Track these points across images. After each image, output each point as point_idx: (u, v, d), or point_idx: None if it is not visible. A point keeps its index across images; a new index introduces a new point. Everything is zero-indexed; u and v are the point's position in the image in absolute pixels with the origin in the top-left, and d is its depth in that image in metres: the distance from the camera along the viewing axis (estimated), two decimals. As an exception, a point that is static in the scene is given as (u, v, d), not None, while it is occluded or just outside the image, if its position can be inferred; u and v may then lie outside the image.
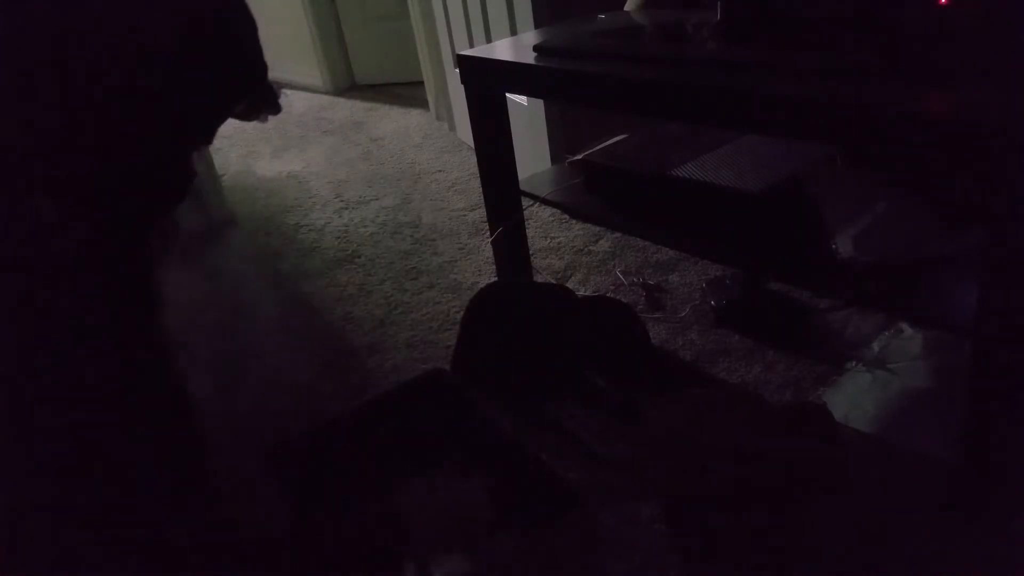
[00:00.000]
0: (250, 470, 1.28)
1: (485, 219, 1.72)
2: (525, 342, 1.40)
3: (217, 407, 1.46)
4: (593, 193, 1.62)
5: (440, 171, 2.64)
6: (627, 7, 1.63)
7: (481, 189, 1.66)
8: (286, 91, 0.89)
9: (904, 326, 1.40)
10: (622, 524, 1.10)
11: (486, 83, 1.48)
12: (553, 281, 1.79)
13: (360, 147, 3.04)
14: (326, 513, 1.09)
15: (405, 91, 3.79)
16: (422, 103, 3.40)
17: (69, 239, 0.71)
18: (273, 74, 1.00)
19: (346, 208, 2.43)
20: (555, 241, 1.98)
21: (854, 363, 1.35)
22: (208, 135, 0.86)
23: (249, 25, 0.83)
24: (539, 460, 1.06)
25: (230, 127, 3.83)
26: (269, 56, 0.91)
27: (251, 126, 3.59)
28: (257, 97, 0.88)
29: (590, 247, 1.93)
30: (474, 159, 1.61)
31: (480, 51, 1.53)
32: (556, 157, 2.23)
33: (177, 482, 0.86)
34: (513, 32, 2.15)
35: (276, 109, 0.89)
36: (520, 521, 1.08)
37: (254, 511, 1.20)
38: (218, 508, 1.04)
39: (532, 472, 1.06)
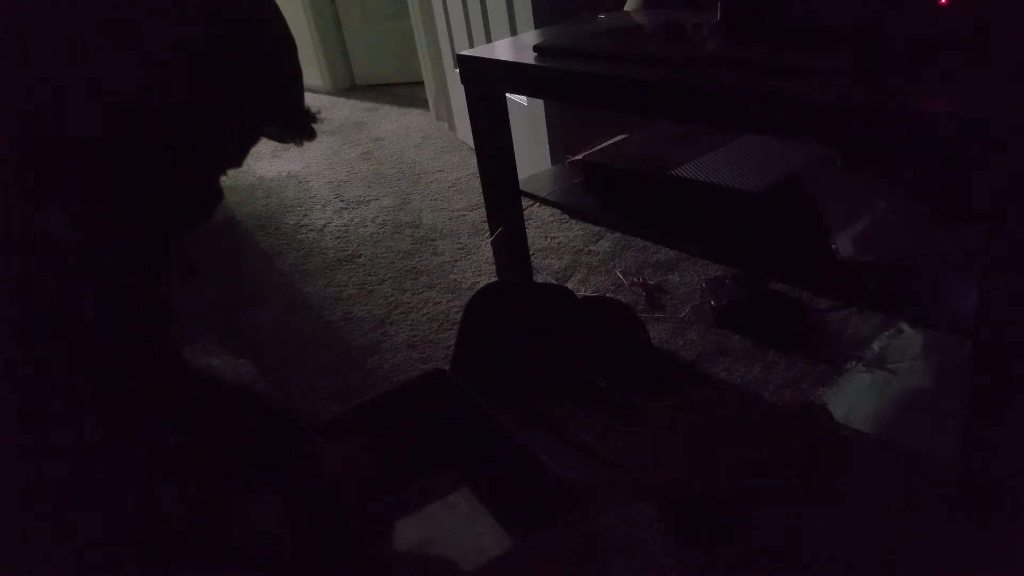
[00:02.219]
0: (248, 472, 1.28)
1: (485, 219, 1.72)
2: (525, 342, 1.39)
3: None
4: (593, 193, 1.62)
5: (440, 171, 2.64)
6: (627, 7, 1.63)
7: (481, 189, 1.66)
8: (321, 118, 0.84)
9: (904, 326, 1.40)
10: (622, 524, 1.10)
11: (486, 83, 1.48)
12: (553, 281, 1.79)
13: (360, 147, 3.04)
14: (318, 522, 1.09)
15: (405, 91, 3.79)
16: (422, 103, 3.40)
17: (80, 257, 0.68)
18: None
19: (346, 208, 2.43)
20: (555, 241, 1.99)
21: (854, 363, 1.35)
22: (239, 155, 0.80)
23: (287, 41, 0.78)
24: (539, 460, 1.06)
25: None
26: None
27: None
28: (292, 118, 0.81)
29: (590, 247, 1.93)
30: (474, 159, 1.61)
31: (480, 51, 1.53)
32: (556, 157, 2.22)
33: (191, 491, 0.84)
34: (513, 32, 2.15)
35: (311, 135, 0.83)
36: (520, 521, 1.08)
37: (249, 516, 1.20)
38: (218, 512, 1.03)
39: (532, 472, 1.06)
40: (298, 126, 0.81)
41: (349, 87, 4.11)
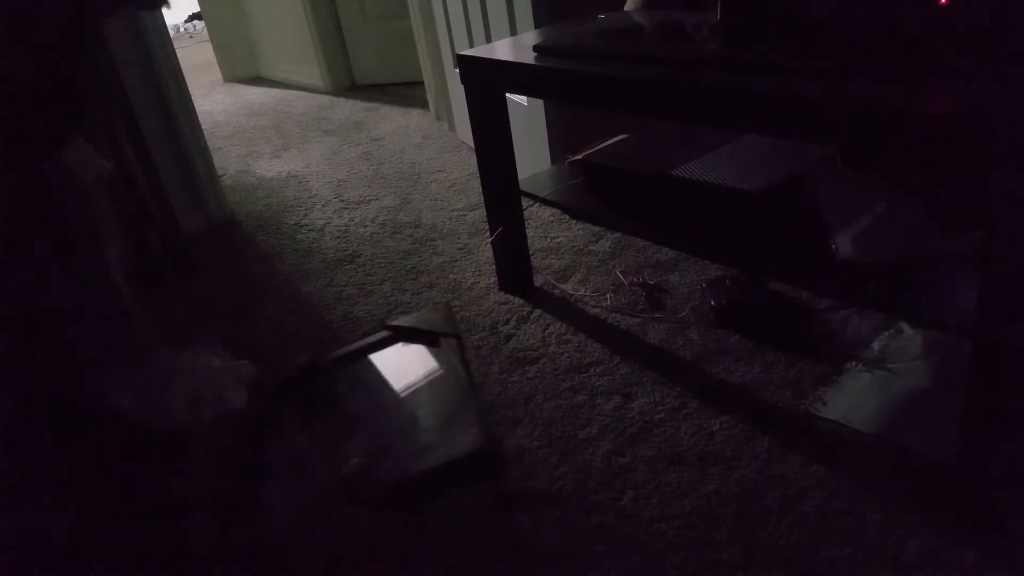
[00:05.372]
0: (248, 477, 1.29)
1: (485, 219, 1.72)
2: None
3: (216, 407, 1.46)
4: (593, 193, 1.62)
5: (440, 171, 2.64)
6: (627, 7, 1.63)
7: (481, 189, 1.66)
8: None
9: (904, 326, 1.40)
10: (621, 525, 1.10)
11: (486, 83, 1.48)
12: (552, 281, 1.79)
13: (360, 147, 3.04)
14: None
15: (405, 91, 3.79)
16: (422, 103, 3.40)
17: None
18: (273, 74, 0.94)
19: (346, 208, 2.43)
20: (555, 241, 1.98)
21: (854, 363, 1.35)
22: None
23: None
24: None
25: (230, 127, 3.81)
26: (269, 56, 0.86)
27: (251, 125, 3.59)
28: None
29: (590, 247, 1.93)
30: (474, 159, 1.61)
31: (480, 51, 1.53)
32: (556, 157, 2.23)
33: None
34: (513, 32, 2.15)
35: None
36: None
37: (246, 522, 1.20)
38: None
39: None
40: None
41: (349, 87, 4.12)
